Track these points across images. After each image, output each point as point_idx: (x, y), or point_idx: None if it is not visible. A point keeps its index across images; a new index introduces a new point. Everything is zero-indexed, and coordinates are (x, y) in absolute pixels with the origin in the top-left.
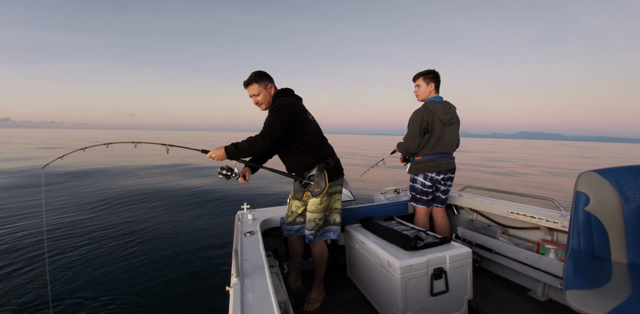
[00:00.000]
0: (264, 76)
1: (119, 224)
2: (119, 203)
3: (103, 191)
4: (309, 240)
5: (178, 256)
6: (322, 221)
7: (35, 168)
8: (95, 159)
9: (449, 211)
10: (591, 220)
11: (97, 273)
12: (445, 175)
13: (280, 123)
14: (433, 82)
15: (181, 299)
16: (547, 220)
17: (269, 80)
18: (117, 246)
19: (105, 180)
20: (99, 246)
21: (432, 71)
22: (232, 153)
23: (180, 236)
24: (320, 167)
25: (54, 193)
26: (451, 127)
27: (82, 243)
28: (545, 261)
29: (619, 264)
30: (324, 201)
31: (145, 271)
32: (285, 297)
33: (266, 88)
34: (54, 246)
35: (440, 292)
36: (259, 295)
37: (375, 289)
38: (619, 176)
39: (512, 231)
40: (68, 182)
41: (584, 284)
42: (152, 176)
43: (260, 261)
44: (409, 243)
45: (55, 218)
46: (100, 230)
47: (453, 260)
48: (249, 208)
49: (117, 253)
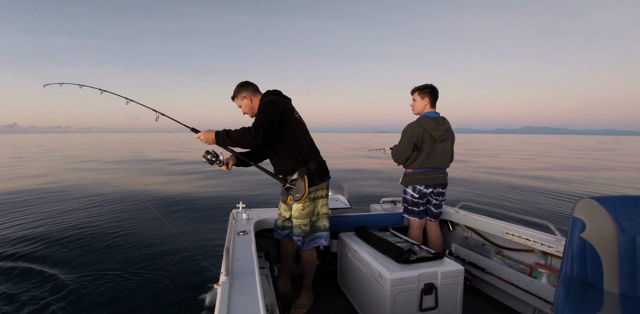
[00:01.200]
0: (239, 88)
1: (106, 222)
2: (105, 201)
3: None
4: (297, 246)
5: (168, 251)
6: (308, 227)
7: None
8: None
9: (444, 227)
10: (586, 247)
11: (89, 268)
12: (435, 189)
13: (269, 117)
14: (428, 97)
15: (171, 294)
16: (541, 243)
17: (244, 90)
18: (105, 243)
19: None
20: (85, 243)
21: (428, 86)
22: (222, 139)
23: (171, 232)
24: (301, 172)
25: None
26: (443, 143)
27: (66, 239)
28: (537, 285)
29: (611, 294)
30: (307, 206)
31: (133, 265)
32: (273, 300)
33: (242, 99)
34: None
35: (429, 308)
36: (247, 296)
37: (364, 299)
38: (616, 205)
39: (506, 252)
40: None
41: (574, 311)
42: (142, 172)
43: (251, 262)
44: (402, 256)
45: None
46: (81, 228)
47: (445, 276)
48: (244, 208)
49: (107, 249)
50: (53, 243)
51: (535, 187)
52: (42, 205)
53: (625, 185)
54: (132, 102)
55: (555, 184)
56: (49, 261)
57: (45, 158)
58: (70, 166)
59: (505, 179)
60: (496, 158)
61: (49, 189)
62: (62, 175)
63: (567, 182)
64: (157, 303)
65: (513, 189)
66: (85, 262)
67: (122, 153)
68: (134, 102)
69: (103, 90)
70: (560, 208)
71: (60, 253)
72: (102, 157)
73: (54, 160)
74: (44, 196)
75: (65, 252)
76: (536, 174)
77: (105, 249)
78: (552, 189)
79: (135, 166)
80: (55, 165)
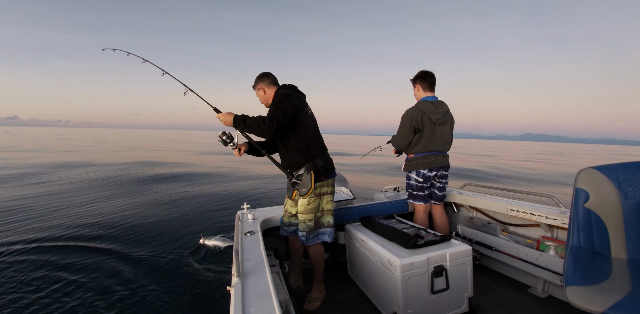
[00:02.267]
0: (258, 79)
1: (111, 220)
2: (112, 196)
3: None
4: (302, 241)
5: (178, 255)
6: (313, 222)
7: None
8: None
9: (448, 209)
10: (591, 216)
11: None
12: (438, 172)
13: (282, 109)
14: (419, 83)
15: (182, 298)
16: (546, 216)
17: (261, 81)
18: (111, 242)
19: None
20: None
21: (420, 73)
22: (239, 124)
23: (179, 235)
24: (308, 167)
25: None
26: (442, 126)
27: (74, 234)
28: (545, 258)
29: (619, 261)
30: (312, 202)
31: (143, 270)
32: (287, 296)
33: (258, 90)
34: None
35: (440, 290)
36: (260, 294)
37: (376, 287)
38: (618, 172)
39: (512, 229)
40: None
41: (584, 280)
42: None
43: (261, 261)
44: (409, 241)
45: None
46: (73, 228)
47: (453, 257)
48: (249, 208)
49: (112, 250)
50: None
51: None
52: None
53: None
54: (192, 92)
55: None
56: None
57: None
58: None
59: (503, 160)
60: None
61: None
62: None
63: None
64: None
65: (514, 167)
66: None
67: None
68: (192, 91)
69: (165, 71)
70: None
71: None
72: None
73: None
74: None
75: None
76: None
77: (101, 254)
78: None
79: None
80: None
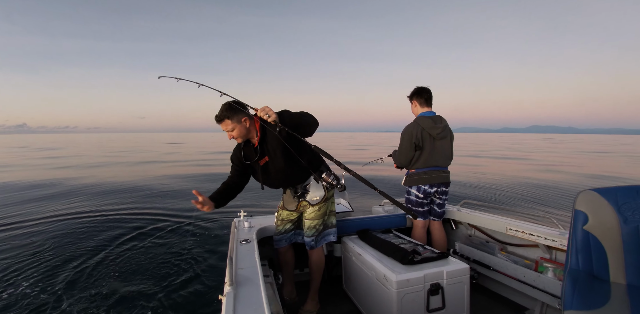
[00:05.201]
0: (235, 110)
1: (110, 225)
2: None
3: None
4: (310, 246)
5: (171, 261)
6: (322, 226)
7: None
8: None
9: (447, 226)
10: (590, 239)
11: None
12: (439, 188)
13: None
14: (416, 100)
15: (173, 306)
16: (545, 237)
17: (242, 112)
18: (104, 248)
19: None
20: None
21: (416, 89)
22: (286, 116)
23: (173, 241)
24: (317, 176)
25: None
26: (442, 141)
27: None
28: (543, 280)
29: (618, 285)
30: (322, 207)
31: (136, 275)
32: (279, 308)
33: (240, 122)
34: None
35: (436, 308)
36: (252, 305)
37: (370, 303)
38: (618, 196)
39: (510, 248)
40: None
41: (582, 305)
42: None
43: (255, 270)
44: (406, 257)
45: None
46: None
47: (450, 275)
48: (245, 216)
49: (106, 258)
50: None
51: (536, 182)
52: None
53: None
54: (225, 95)
55: (556, 177)
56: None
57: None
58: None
59: (505, 175)
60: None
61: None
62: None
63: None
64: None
65: (514, 185)
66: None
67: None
68: (228, 95)
69: (223, 93)
70: (561, 201)
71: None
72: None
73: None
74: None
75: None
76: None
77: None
78: (553, 183)
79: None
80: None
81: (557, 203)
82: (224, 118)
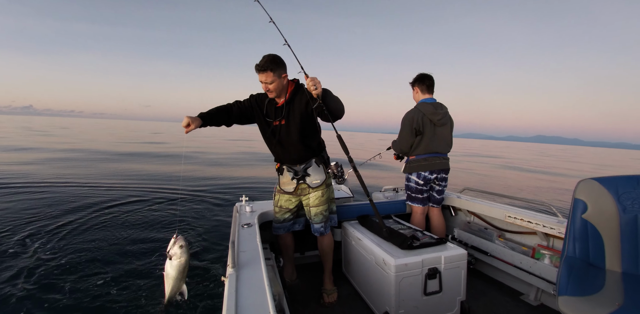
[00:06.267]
0: (279, 64)
1: (114, 211)
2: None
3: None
4: (320, 232)
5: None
6: (328, 212)
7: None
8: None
9: (446, 213)
10: (588, 227)
11: (86, 265)
12: (439, 174)
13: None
14: (417, 86)
15: None
16: (543, 225)
17: (284, 68)
18: (110, 231)
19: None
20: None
21: (418, 76)
22: (329, 93)
23: (176, 226)
24: (318, 160)
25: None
26: (443, 128)
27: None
28: (539, 266)
29: (613, 273)
30: (325, 192)
31: (142, 257)
32: (280, 289)
33: (280, 77)
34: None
35: (433, 292)
36: (254, 286)
37: (369, 286)
38: (618, 185)
39: (508, 235)
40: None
41: (576, 291)
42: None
43: (257, 253)
44: (405, 242)
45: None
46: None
47: (448, 260)
48: (247, 200)
49: (109, 238)
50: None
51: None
52: None
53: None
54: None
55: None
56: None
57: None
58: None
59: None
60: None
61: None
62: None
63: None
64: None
65: (514, 174)
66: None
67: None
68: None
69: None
70: (561, 190)
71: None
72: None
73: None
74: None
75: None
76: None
77: (95, 240)
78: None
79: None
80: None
81: (557, 193)
82: (267, 70)
